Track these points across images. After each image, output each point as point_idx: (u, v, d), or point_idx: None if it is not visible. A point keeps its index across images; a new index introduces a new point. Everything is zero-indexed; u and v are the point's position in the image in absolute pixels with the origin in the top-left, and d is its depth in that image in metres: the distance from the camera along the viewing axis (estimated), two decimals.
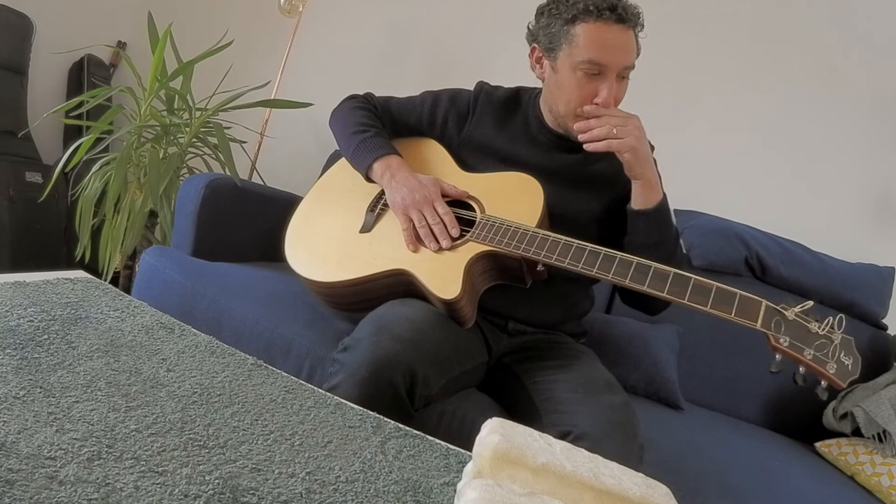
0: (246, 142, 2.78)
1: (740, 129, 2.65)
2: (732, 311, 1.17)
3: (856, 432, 1.98)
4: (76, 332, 0.96)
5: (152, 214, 2.56)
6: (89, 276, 1.24)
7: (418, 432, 0.98)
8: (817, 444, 2.04)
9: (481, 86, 1.74)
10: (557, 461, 0.74)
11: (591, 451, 0.81)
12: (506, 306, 1.58)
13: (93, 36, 3.19)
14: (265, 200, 2.19)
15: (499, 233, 1.43)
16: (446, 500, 0.80)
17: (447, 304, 1.40)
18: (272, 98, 2.86)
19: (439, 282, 1.42)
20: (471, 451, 0.78)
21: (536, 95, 1.67)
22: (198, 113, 2.61)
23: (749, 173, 2.64)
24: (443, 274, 1.43)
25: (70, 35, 3.15)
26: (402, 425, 0.99)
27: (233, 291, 1.72)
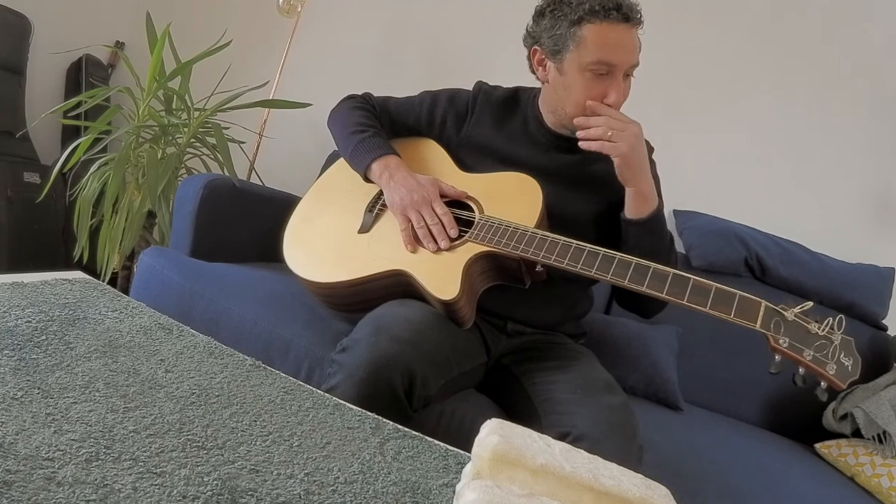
0: (244, 142, 2.78)
1: (740, 129, 2.65)
2: (732, 311, 1.16)
3: (856, 433, 1.98)
4: (74, 333, 0.96)
5: (150, 215, 2.56)
6: (87, 276, 1.24)
7: (417, 433, 0.98)
8: (817, 445, 2.04)
9: (480, 86, 1.74)
10: (556, 462, 0.73)
11: (591, 452, 0.81)
12: (505, 307, 1.58)
13: (91, 36, 3.19)
14: (264, 201, 2.19)
15: (497, 233, 1.43)
16: (445, 502, 0.80)
17: (446, 304, 1.40)
18: (271, 98, 2.86)
19: (438, 282, 1.42)
20: (470, 452, 0.78)
21: (535, 95, 1.67)
22: (196, 113, 2.61)
23: (749, 173, 2.63)
24: (441, 274, 1.43)
25: (68, 35, 3.15)
26: (400, 426, 0.99)
27: (231, 292, 1.72)
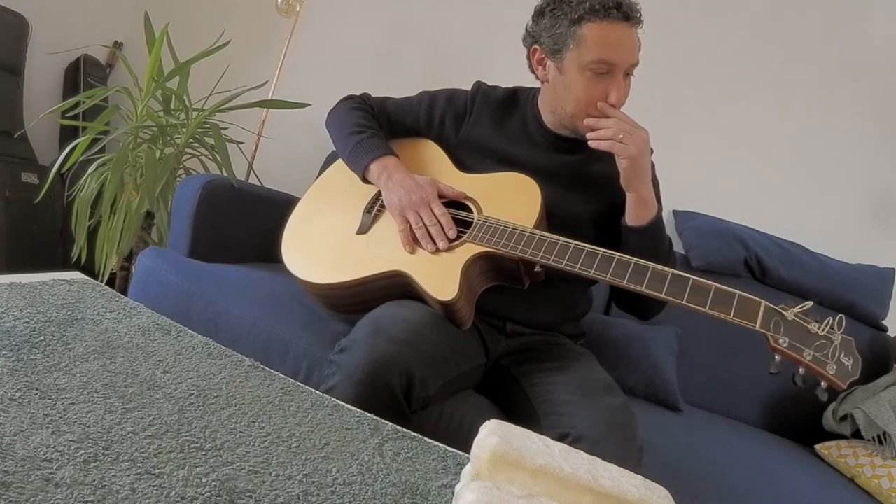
0: (243, 142, 2.78)
1: (740, 129, 2.65)
2: (731, 311, 1.16)
3: (856, 434, 1.98)
4: (72, 334, 0.96)
5: (149, 215, 2.56)
6: (85, 277, 1.24)
7: (416, 434, 0.98)
8: (817, 446, 2.04)
9: (479, 86, 1.74)
10: (556, 463, 0.73)
11: (590, 453, 0.81)
12: (503, 307, 1.58)
13: (89, 36, 3.18)
14: (262, 201, 2.19)
15: (496, 234, 1.43)
16: (444, 503, 0.79)
17: (444, 305, 1.40)
18: (269, 98, 2.86)
19: (436, 283, 1.41)
20: (469, 453, 0.78)
21: (534, 95, 1.67)
22: (194, 113, 2.60)
23: (748, 174, 2.63)
24: (440, 275, 1.43)
25: (66, 35, 3.14)
26: (399, 427, 0.98)
27: (230, 293, 1.72)
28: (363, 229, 1.62)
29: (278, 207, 1.92)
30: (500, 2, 2.84)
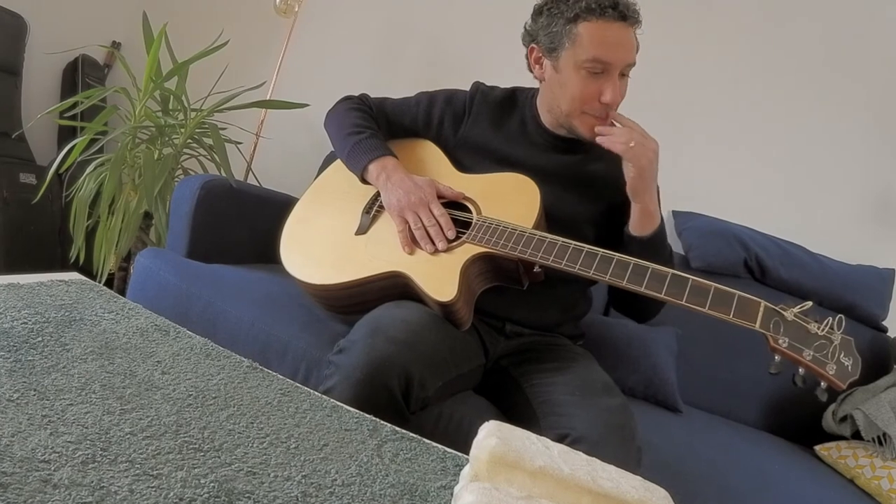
0: (241, 143, 2.77)
1: (739, 130, 2.65)
2: (731, 311, 1.16)
3: (856, 435, 1.97)
4: (70, 335, 0.96)
5: (147, 216, 2.55)
6: (83, 277, 1.24)
7: (415, 435, 0.98)
8: (817, 448, 2.04)
9: (477, 86, 1.74)
10: (555, 464, 0.73)
11: (589, 454, 0.81)
12: (503, 308, 1.58)
13: (87, 36, 3.17)
14: (261, 202, 2.18)
15: (495, 234, 1.42)
16: None
17: (443, 306, 1.40)
18: (268, 99, 2.86)
19: (435, 284, 1.41)
20: (468, 454, 0.78)
21: (533, 96, 1.67)
22: (193, 114, 2.60)
23: (748, 174, 2.63)
24: (439, 276, 1.42)
25: (64, 35, 3.14)
26: (398, 428, 0.98)
27: (228, 293, 1.71)
28: (362, 230, 1.61)
29: (277, 208, 1.91)
30: (499, 2, 2.84)
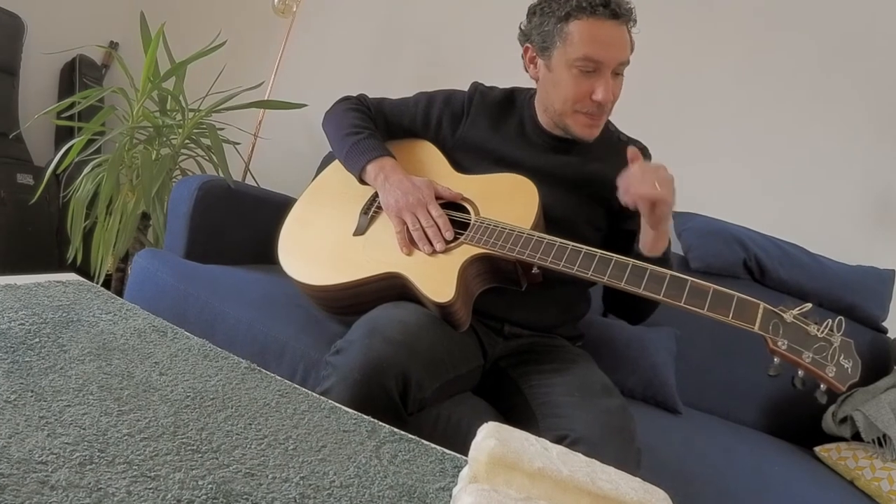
0: (239, 143, 2.77)
1: (738, 130, 2.64)
2: (730, 313, 1.16)
3: (855, 436, 1.97)
4: (68, 336, 0.95)
5: (145, 216, 2.55)
6: (81, 278, 1.23)
7: (413, 436, 0.97)
8: (816, 449, 2.03)
9: (476, 86, 1.74)
10: (554, 466, 0.73)
11: (588, 456, 0.81)
12: (501, 309, 1.57)
13: (85, 36, 3.17)
14: (259, 202, 2.18)
15: (493, 235, 1.42)
16: None
17: (441, 307, 1.40)
18: (266, 99, 2.85)
19: (433, 285, 1.41)
20: (466, 455, 0.77)
21: (531, 96, 1.67)
22: (191, 114, 2.60)
23: (747, 175, 2.63)
24: (437, 277, 1.42)
25: (62, 35, 3.13)
26: (396, 429, 0.98)
27: (226, 294, 1.71)
28: (360, 231, 1.61)
29: (275, 209, 1.91)
30: (498, 2, 2.84)
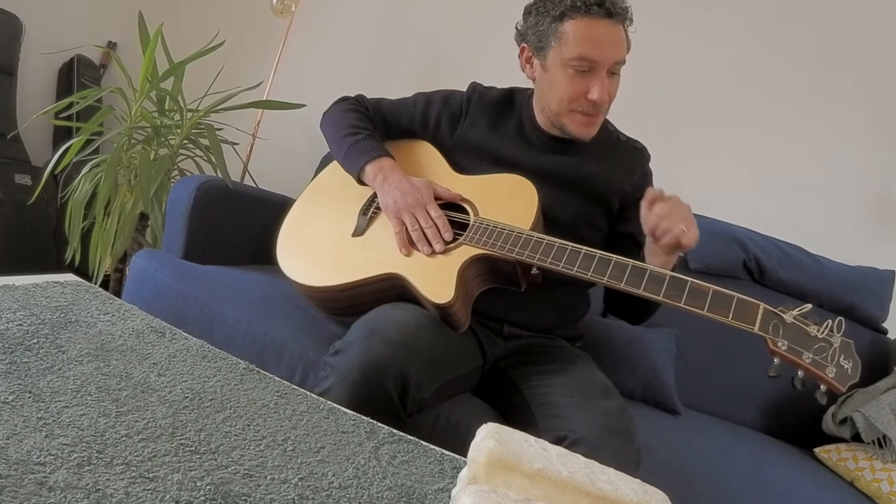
0: (238, 143, 2.76)
1: (738, 131, 2.64)
2: (730, 314, 1.15)
3: (855, 437, 1.97)
4: (66, 337, 0.95)
5: (143, 217, 2.54)
6: (79, 279, 1.23)
7: (412, 437, 0.97)
8: (816, 450, 2.03)
9: (474, 86, 1.74)
10: (553, 467, 0.73)
11: (588, 457, 0.80)
12: (500, 310, 1.57)
13: (83, 36, 3.17)
14: (257, 203, 2.18)
15: (492, 236, 1.42)
16: None
17: (440, 308, 1.39)
18: (264, 99, 2.85)
19: (432, 286, 1.41)
20: (465, 456, 0.77)
21: (530, 96, 1.67)
22: (189, 114, 2.59)
23: (747, 175, 2.63)
24: (436, 278, 1.42)
25: (60, 35, 3.13)
26: (395, 430, 0.98)
27: (224, 295, 1.71)
28: (359, 231, 1.61)
29: (273, 209, 1.91)
30: (497, 2, 2.84)
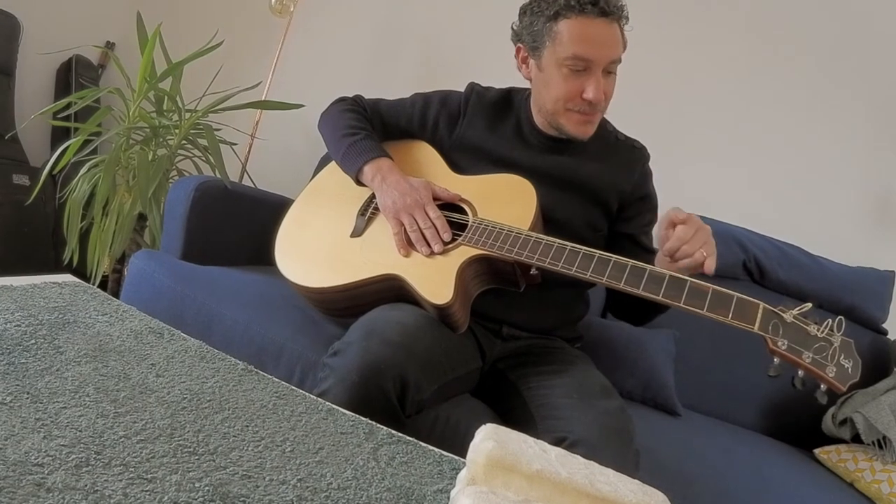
0: (236, 143, 2.76)
1: (738, 131, 2.65)
2: (729, 313, 1.15)
3: (855, 438, 1.97)
4: (64, 337, 0.95)
5: (141, 217, 2.54)
6: (77, 280, 1.23)
7: (411, 438, 0.97)
8: (816, 451, 2.03)
9: (472, 87, 1.74)
10: (552, 468, 0.73)
11: (587, 458, 0.80)
12: (499, 311, 1.57)
13: (81, 36, 3.17)
14: (256, 203, 2.18)
15: (491, 236, 1.42)
16: None
17: (439, 309, 1.39)
18: (263, 99, 2.85)
19: (431, 287, 1.41)
20: (464, 457, 0.77)
21: (528, 96, 1.67)
22: (187, 114, 2.59)
23: (746, 175, 2.63)
24: (434, 279, 1.42)
25: (58, 35, 3.13)
26: (394, 431, 0.98)
27: (223, 295, 1.71)
28: (357, 232, 1.61)
29: (272, 209, 1.91)
30: (494, 2, 2.83)
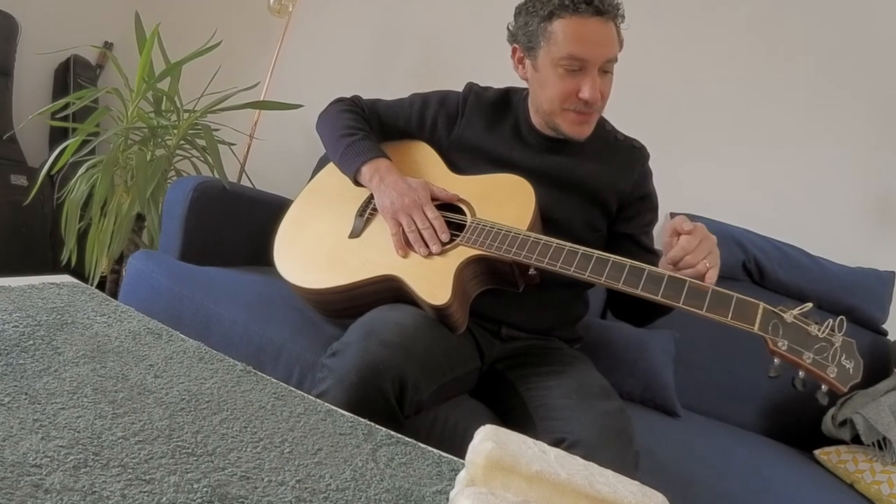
0: (235, 144, 2.75)
1: (737, 131, 2.65)
2: (729, 313, 1.15)
3: (855, 439, 1.97)
4: (62, 338, 0.95)
5: (139, 218, 2.54)
6: (75, 280, 1.23)
7: (410, 439, 0.97)
8: (816, 452, 2.03)
9: (470, 87, 1.74)
10: (552, 469, 0.72)
11: (586, 459, 0.80)
12: (498, 311, 1.57)
13: (79, 36, 3.16)
14: (254, 203, 2.17)
15: (489, 236, 1.42)
16: None
17: (437, 309, 1.39)
18: (261, 100, 2.85)
19: (429, 287, 1.40)
20: (464, 458, 0.77)
21: (526, 97, 1.67)
22: (186, 115, 2.58)
23: (746, 176, 2.63)
24: (433, 279, 1.42)
25: (56, 35, 3.12)
26: (393, 432, 0.98)
27: (221, 296, 1.70)
28: (355, 233, 1.61)
29: (270, 210, 1.91)
30: (493, 2, 2.83)
